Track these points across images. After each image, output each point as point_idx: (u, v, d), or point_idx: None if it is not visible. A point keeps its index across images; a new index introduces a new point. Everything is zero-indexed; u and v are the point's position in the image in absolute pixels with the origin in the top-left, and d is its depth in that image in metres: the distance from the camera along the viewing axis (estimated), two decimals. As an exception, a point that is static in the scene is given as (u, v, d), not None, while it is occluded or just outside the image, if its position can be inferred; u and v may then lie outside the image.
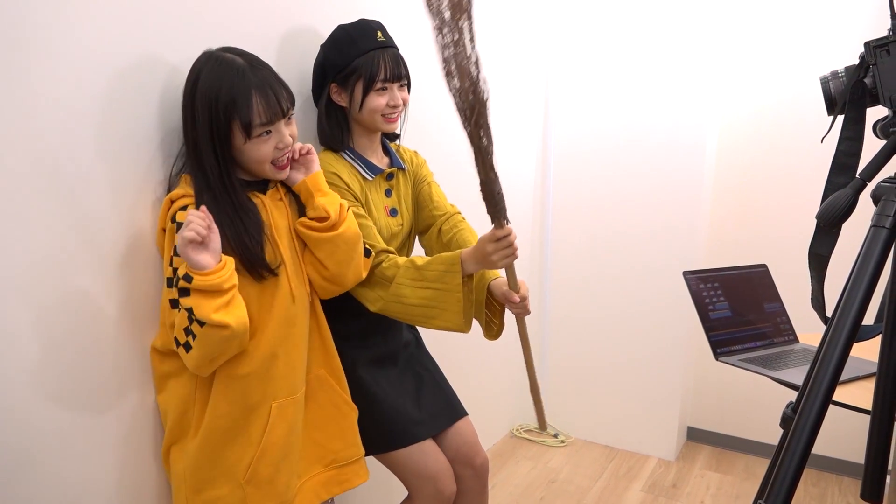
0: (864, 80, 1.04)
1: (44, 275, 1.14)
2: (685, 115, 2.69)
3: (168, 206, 1.28)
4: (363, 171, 1.59)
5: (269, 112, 1.25)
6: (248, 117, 1.23)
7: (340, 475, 1.49)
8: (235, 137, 1.26)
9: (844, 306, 0.95)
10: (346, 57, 1.52)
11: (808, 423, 0.92)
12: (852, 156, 1.07)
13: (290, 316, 1.36)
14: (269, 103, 1.25)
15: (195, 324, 1.17)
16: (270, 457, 1.33)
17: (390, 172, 1.66)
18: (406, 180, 1.72)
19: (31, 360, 1.14)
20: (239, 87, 1.23)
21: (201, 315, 1.15)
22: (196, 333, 1.17)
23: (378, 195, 1.63)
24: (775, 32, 2.69)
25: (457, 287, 1.46)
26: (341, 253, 1.41)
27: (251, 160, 1.30)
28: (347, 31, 1.55)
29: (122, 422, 1.31)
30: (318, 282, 1.44)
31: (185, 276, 1.15)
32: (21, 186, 1.09)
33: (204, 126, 1.24)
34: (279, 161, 1.33)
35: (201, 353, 1.20)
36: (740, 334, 1.77)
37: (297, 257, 1.40)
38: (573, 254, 3.00)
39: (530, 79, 2.87)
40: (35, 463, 1.16)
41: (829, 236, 1.08)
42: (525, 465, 2.84)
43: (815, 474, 2.76)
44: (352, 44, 1.53)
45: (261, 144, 1.28)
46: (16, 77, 1.07)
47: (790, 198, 2.73)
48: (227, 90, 1.22)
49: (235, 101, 1.22)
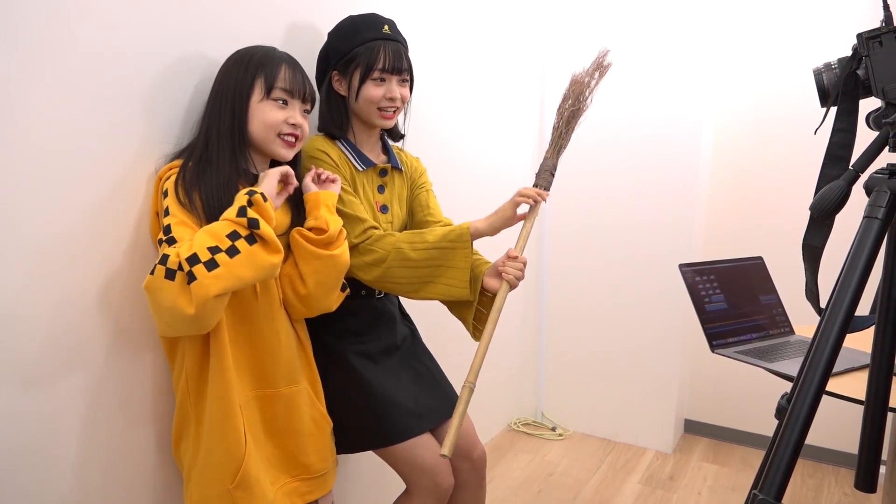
0: (856, 72, 1.04)
1: (50, 261, 1.14)
2: (681, 107, 2.69)
3: (157, 185, 1.29)
4: (354, 161, 1.59)
5: (293, 83, 1.35)
6: (273, 78, 1.33)
7: (304, 486, 1.46)
8: (255, 93, 1.32)
9: (838, 297, 0.95)
10: (348, 44, 1.53)
11: (802, 414, 0.93)
12: (845, 147, 1.07)
13: (252, 311, 1.34)
14: (296, 78, 1.36)
15: (248, 237, 1.18)
16: (254, 460, 1.32)
17: (384, 168, 1.65)
18: (403, 182, 1.71)
19: (29, 349, 1.14)
20: (274, 55, 1.36)
21: (266, 233, 1.20)
22: (241, 249, 1.17)
23: (369, 188, 1.63)
24: (770, 25, 2.69)
25: (465, 244, 1.50)
26: (325, 275, 1.39)
27: (261, 123, 1.32)
28: (354, 20, 1.55)
29: (122, 411, 1.31)
30: (289, 298, 1.41)
31: (251, 221, 1.19)
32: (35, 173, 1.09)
33: (230, 84, 1.32)
34: (287, 137, 1.36)
35: (231, 274, 1.16)
36: (736, 326, 1.78)
37: None
38: (570, 246, 3.01)
39: (526, 70, 2.87)
40: (33, 453, 1.16)
41: (823, 228, 1.09)
42: (523, 458, 2.85)
43: (812, 465, 2.77)
44: (356, 32, 1.53)
45: (275, 109, 1.33)
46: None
47: (785, 190, 2.74)
48: (262, 55, 1.35)
49: (265, 63, 1.33)
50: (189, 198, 1.24)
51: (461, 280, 1.51)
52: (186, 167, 1.28)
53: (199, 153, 1.30)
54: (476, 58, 2.49)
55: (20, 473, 1.15)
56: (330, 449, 1.52)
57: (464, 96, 2.44)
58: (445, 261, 1.51)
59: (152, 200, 1.31)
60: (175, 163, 1.30)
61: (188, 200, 1.24)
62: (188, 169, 1.27)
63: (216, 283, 1.14)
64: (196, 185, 1.26)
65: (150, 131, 1.31)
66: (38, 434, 1.17)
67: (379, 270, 1.53)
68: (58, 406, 1.20)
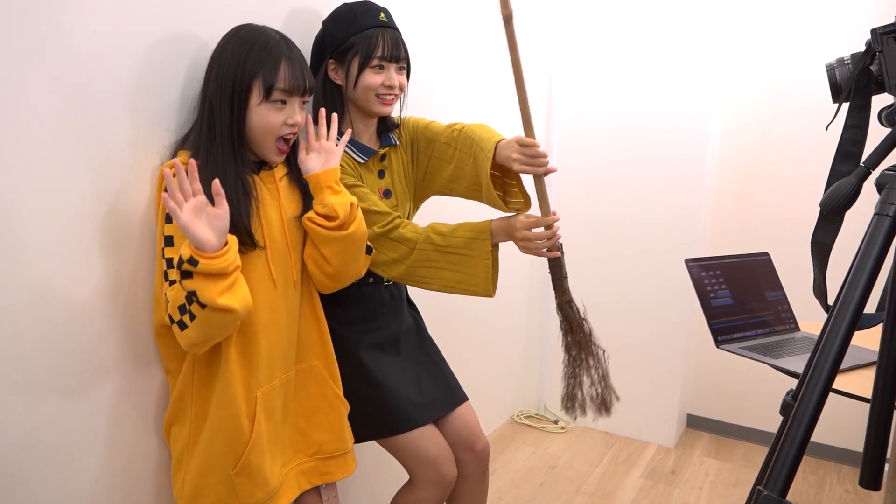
0: (870, 68, 1.03)
1: (47, 255, 1.14)
2: (689, 101, 2.68)
3: (161, 181, 1.28)
4: (355, 155, 1.58)
5: (293, 82, 1.29)
6: (273, 79, 1.27)
7: (322, 466, 1.48)
8: (253, 96, 1.28)
9: (846, 294, 0.95)
10: (345, 32, 1.51)
11: (808, 411, 0.92)
12: (857, 144, 1.06)
13: (272, 301, 1.34)
14: (295, 75, 1.29)
15: (195, 305, 1.14)
16: (258, 448, 1.33)
17: (383, 153, 1.64)
18: (398, 156, 1.69)
19: (26, 343, 1.14)
20: (272, 50, 1.28)
21: (205, 299, 1.13)
22: (196, 314, 1.15)
23: (371, 177, 1.63)
24: (780, 19, 2.67)
25: (486, 254, 1.49)
26: (348, 252, 1.40)
27: (259, 127, 1.30)
28: (350, 8, 1.54)
29: (119, 399, 1.31)
30: (318, 277, 1.43)
31: (189, 259, 1.12)
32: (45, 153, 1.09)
33: (227, 79, 1.26)
34: (282, 141, 1.33)
35: (198, 333, 1.17)
36: (741, 322, 1.78)
37: (285, 243, 1.37)
38: (575, 240, 3.00)
39: (534, 65, 2.85)
40: (33, 447, 1.17)
41: (832, 224, 1.08)
42: (525, 450, 2.85)
43: (814, 462, 2.77)
44: (353, 20, 1.51)
45: (274, 112, 1.29)
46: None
47: (793, 186, 2.72)
48: (259, 50, 1.27)
49: (264, 61, 1.27)
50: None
51: (484, 289, 1.53)
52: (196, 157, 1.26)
53: (204, 150, 1.27)
54: (481, 44, 2.48)
55: (19, 470, 1.16)
56: (347, 430, 1.53)
57: (468, 83, 2.43)
58: (466, 268, 1.52)
59: (157, 190, 1.29)
60: (178, 159, 1.26)
61: None
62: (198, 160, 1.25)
63: (192, 336, 1.19)
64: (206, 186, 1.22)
65: (146, 120, 1.28)
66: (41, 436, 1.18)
67: (402, 268, 1.54)
68: (76, 410, 1.21)
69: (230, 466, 1.30)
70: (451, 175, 1.64)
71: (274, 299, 1.35)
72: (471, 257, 1.50)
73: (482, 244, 1.50)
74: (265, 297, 1.33)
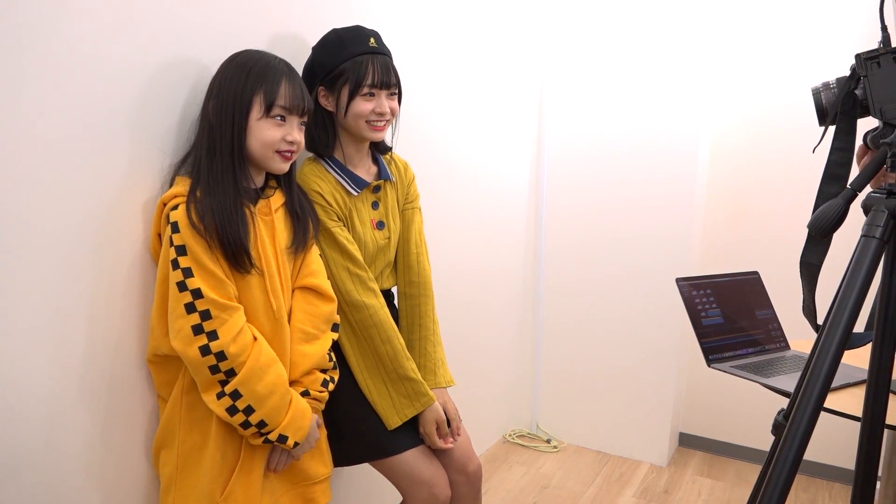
0: (854, 92, 1.05)
1: (50, 276, 1.14)
2: (678, 122, 2.71)
3: (161, 209, 1.28)
4: (348, 186, 1.57)
5: (293, 100, 1.33)
6: (274, 94, 1.31)
7: (308, 492, 1.47)
8: (254, 111, 1.31)
9: (836, 314, 0.96)
10: (335, 59, 1.51)
11: (800, 430, 0.93)
12: (843, 166, 1.08)
13: (272, 331, 1.35)
14: (295, 94, 1.34)
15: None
16: (245, 475, 1.32)
17: (377, 185, 1.64)
18: (394, 192, 1.69)
19: (30, 361, 1.14)
20: (274, 68, 1.33)
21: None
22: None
23: (365, 208, 1.62)
24: (768, 42, 2.71)
25: (404, 415, 1.60)
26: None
27: (260, 141, 1.31)
28: (339, 35, 1.53)
29: (108, 423, 1.30)
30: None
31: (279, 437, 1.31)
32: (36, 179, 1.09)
33: (229, 95, 1.29)
34: (284, 153, 1.35)
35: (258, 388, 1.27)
36: (732, 341, 1.79)
37: (277, 275, 1.37)
38: (566, 259, 3.02)
39: (525, 85, 2.88)
40: (28, 461, 1.16)
41: (821, 245, 1.10)
42: (518, 470, 2.84)
43: (806, 480, 2.78)
44: (342, 47, 1.51)
45: (273, 127, 1.32)
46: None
47: (782, 205, 2.75)
48: (261, 68, 1.32)
49: (266, 78, 1.31)
50: (203, 223, 1.23)
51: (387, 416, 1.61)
52: (195, 190, 1.27)
53: (205, 170, 1.28)
54: (473, 65, 2.50)
55: (13, 483, 1.15)
56: (328, 455, 1.52)
57: (460, 103, 2.45)
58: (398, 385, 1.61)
59: (153, 221, 1.30)
60: (176, 190, 1.28)
61: (203, 226, 1.23)
62: (198, 192, 1.26)
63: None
64: (210, 209, 1.24)
65: (145, 142, 1.29)
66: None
67: (347, 329, 1.59)
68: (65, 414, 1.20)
69: (217, 493, 1.30)
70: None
71: (275, 330, 1.35)
72: (398, 391, 1.61)
73: (414, 404, 1.61)
74: (266, 327, 1.34)
